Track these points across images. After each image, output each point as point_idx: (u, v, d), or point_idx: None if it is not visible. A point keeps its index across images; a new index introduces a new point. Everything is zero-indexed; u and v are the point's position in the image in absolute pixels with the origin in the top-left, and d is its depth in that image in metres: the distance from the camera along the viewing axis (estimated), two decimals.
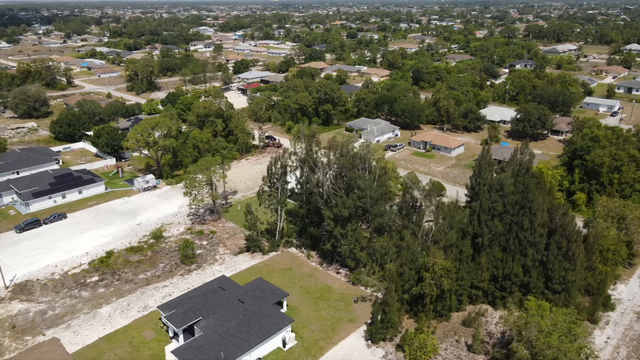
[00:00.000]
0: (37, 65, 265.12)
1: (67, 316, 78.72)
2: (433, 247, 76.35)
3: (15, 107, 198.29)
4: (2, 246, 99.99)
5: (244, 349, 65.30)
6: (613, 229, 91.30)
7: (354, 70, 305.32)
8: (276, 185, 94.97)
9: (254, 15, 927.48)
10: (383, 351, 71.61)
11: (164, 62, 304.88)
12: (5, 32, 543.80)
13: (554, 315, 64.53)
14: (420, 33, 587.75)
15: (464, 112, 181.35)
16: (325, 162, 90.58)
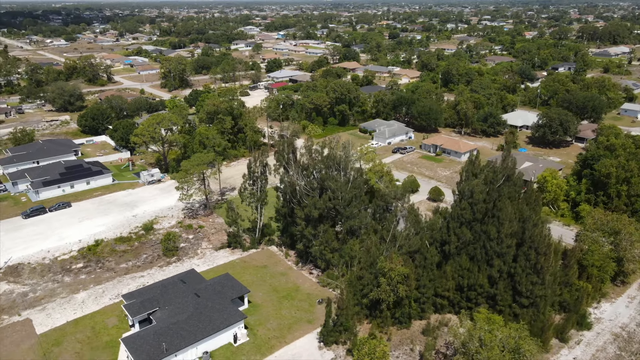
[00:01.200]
0: (82, 62, 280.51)
1: (45, 299, 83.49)
2: (392, 252, 74.98)
3: (52, 100, 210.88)
4: (7, 230, 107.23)
5: (190, 342, 66.93)
6: (601, 243, 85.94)
7: (385, 71, 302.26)
8: (256, 183, 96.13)
9: (301, 15, 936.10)
10: (333, 354, 71.23)
11: (200, 61, 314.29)
12: (65, 31, 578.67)
13: (502, 330, 61.93)
14: (466, 34, 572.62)
15: (484, 116, 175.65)
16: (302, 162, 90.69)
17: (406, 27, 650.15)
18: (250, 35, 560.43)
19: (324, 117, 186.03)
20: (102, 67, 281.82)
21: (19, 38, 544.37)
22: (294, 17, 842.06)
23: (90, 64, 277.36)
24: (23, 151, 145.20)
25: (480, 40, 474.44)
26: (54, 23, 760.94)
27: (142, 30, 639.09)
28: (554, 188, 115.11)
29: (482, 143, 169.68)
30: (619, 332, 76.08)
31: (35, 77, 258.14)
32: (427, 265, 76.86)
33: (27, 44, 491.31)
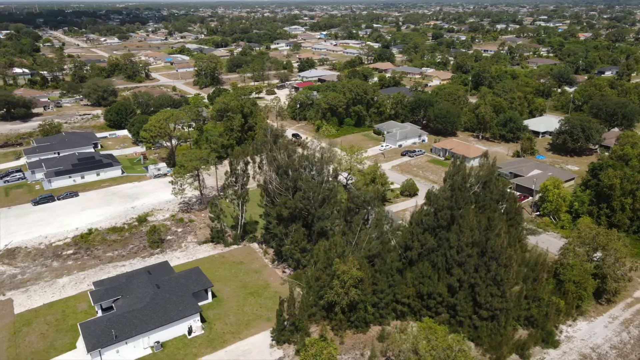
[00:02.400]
0: (122, 60, 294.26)
1: (31, 281, 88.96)
2: (350, 255, 74.36)
3: (88, 96, 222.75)
4: (15, 215, 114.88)
5: (141, 331, 69.43)
6: (584, 258, 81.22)
7: (417, 72, 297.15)
8: (238, 181, 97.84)
9: (349, 15, 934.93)
10: (282, 353, 71.69)
11: (235, 59, 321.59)
12: (120, 30, 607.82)
13: (440, 341, 60.19)
14: (514, 35, 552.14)
15: (504, 120, 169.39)
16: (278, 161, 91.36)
17: (452, 28, 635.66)
18: (294, 35, 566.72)
19: (339, 117, 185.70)
20: (140, 65, 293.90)
21: (77, 36, 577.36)
22: (341, 17, 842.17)
23: (130, 61, 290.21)
24: (46, 142, 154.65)
25: (528, 42, 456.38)
26: (112, 22, 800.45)
27: (190, 29, 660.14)
28: (555, 198, 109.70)
29: (498, 148, 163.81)
30: (588, 353, 71.82)
31: (79, 74, 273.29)
32: (387, 270, 75.66)
33: (83, 42, 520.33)
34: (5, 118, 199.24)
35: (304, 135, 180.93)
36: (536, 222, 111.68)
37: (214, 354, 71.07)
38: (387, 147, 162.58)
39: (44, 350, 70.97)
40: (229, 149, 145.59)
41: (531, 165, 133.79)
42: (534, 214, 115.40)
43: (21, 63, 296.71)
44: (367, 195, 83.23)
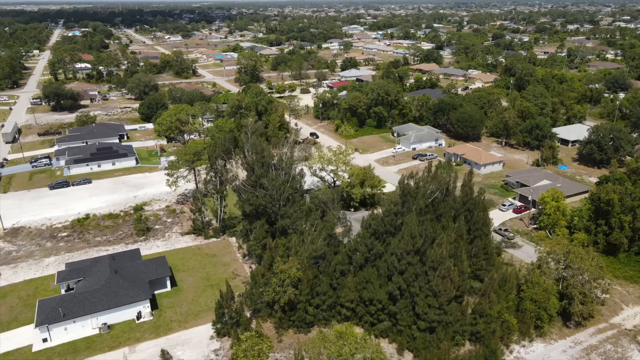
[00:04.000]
0: (172, 57, 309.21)
1: (22, 259, 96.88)
2: (293, 254, 74.50)
3: (131, 90, 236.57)
4: (31, 198, 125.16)
5: (89, 312, 73.78)
6: (550, 276, 75.89)
7: (461, 74, 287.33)
8: (217, 176, 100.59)
9: (413, 15, 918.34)
10: (219, 345, 73.33)
11: (279, 58, 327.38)
12: (185, 28, 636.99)
13: (351, 347, 59.13)
14: (584, 36, 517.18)
15: (529, 127, 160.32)
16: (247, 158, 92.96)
17: (518, 28, 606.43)
18: (349, 35, 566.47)
19: (360, 118, 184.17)
20: (188, 62, 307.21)
21: (146, 34, 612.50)
22: (402, 17, 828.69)
23: (179, 58, 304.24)
24: (77, 132, 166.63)
25: (597, 44, 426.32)
26: (182, 21, 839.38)
27: (251, 28, 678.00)
28: (553, 211, 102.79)
29: (519, 156, 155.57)
30: None
31: (132, 69, 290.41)
32: (331, 272, 75.02)
33: (150, 40, 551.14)
34: (55, 109, 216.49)
35: (323, 134, 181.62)
36: (530, 236, 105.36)
37: (155, 340, 74.04)
38: (400, 150, 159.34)
39: (7, 322, 77.29)
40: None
41: (541, 175, 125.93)
42: (531, 227, 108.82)
43: (80, 58, 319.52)
44: (327, 196, 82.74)
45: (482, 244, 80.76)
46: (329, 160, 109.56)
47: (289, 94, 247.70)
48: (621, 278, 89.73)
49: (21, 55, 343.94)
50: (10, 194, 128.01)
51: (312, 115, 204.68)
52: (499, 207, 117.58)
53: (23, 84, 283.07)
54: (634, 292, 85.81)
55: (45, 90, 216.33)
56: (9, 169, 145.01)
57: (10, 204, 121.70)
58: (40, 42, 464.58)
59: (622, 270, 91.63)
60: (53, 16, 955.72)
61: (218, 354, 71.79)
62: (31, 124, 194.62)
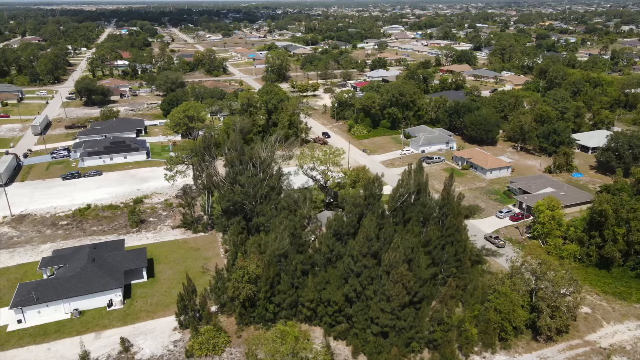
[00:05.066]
0: (204, 56, 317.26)
1: (21, 244, 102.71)
2: (254, 252, 75.21)
3: (159, 87, 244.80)
4: (44, 187, 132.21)
5: (61, 297, 77.42)
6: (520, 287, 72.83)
7: (492, 76, 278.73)
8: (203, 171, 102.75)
9: (458, 14, 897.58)
10: (180, 337, 75.11)
11: (309, 57, 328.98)
12: (227, 27, 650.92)
13: (287, 347, 59.24)
14: (638, 38, 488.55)
15: (546, 132, 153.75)
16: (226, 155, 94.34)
17: (567, 29, 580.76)
18: (388, 34, 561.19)
19: (375, 119, 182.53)
20: (218, 60, 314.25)
21: (189, 33, 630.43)
22: (447, 17, 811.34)
23: (210, 57, 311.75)
24: (98, 126, 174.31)
25: None
26: (227, 20, 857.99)
27: (291, 27, 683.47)
28: (548, 220, 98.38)
29: (532, 162, 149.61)
30: None
31: (165, 67, 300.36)
32: (292, 271, 75.18)
33: (192, 38, 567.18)
34: (86, 103, 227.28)
35: (336, 135, 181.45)
36: (523, 245, 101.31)
37: (121, 328, 76.74)
38: (408, 152, 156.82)
39: None
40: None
41: (545, 183, 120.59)
42: (526, 235, 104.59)
43: (120, 55, 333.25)
44: (298, 195, 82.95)
45: (454, 250, 78.46)
46: (319, 159, 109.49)
47: (312, 93, 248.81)
48: (610, 294, 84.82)
49: (67, 53, 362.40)
50: (27, 183, 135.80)
51: (329, 115, 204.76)
52: (496, 214, 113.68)
53: (65, 79, 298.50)
54: (620, 309, 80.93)
55: (77, 86, 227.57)
56: (30, 159, 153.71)
57: (24, 192, 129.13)
58: (89, 40, 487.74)
59: (613, 285, 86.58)
60: (108, 15, 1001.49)
61: (177, 345, 73.58)
62: (62, 118, 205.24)
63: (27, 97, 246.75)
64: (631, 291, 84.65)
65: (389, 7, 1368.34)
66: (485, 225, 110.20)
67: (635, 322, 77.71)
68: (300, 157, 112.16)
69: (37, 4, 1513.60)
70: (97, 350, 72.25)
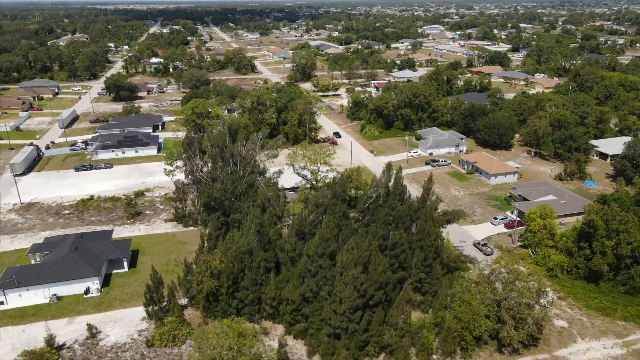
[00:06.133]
0: (234, 54, 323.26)
1: (23, 230, 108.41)
2: (220, 247, 76.32)
3: (184, 84, 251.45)
4: (57, 177, 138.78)
5: (41, 282, 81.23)
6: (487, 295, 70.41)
7: (522, 78, 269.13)
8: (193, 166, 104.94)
9: (504, 14, 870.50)
10: (146, 326, 77.30)
11: (337, 57, 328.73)
12: (266, 26, 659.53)
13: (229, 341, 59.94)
14: None
15: (562, 137, 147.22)
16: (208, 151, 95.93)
17: (617, 30, 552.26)
18: (426, 34, 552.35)
19: (388, 120, 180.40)
20: (246, 59, 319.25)
21: (228, 32, 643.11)
22: (492, 16, 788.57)
23: (239, 55, 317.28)
24: (118, 121, 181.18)
25: None
26: (268, 19, 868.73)
27: (328, 27, 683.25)
28: (539, 229, 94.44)
29: (544, 168, 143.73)
30: None
31: (195, 64, 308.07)
32: (255, 268, 75.77)
33: (230, 37, 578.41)
34: (115, 99, 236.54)
35: (347, 135, 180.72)
36: (513, 253, 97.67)
37: (93, 315, 79.76)
38: (416, 154, 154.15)
39: None
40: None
41: (547, 190, 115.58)
42: (517, 244, 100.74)
43: (156, 53, 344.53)
44: (272, 194, 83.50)
45: (423, 255, 76.75)
46: (309, 158, 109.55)
47: (333, 93, 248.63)
48: (593, 309, 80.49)
49: (106, 50, 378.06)
50: (42, 173, 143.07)
51: (345, 114, 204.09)
52: (491, 221, 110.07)
53: (102, 75, 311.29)
54: (600, 325, 76.66)
55: (106, 82, 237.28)
56: (51, 151, 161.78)
57: (38, 181, 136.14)
58: (132, 39, 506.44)
59: (599, 300, 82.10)
60: (155, 15, 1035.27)
61: (141, 334, 75.77)
62: (89, 112, 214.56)
63: (63, 92, 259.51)
64: (617, 307, 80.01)
65: (435, 6, 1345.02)
66: (478, 232, 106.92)
67: (613, 340, 73.45)
68: (291, 155, 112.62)
69: (93, 4, 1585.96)
70: (67, 334, 75.47)
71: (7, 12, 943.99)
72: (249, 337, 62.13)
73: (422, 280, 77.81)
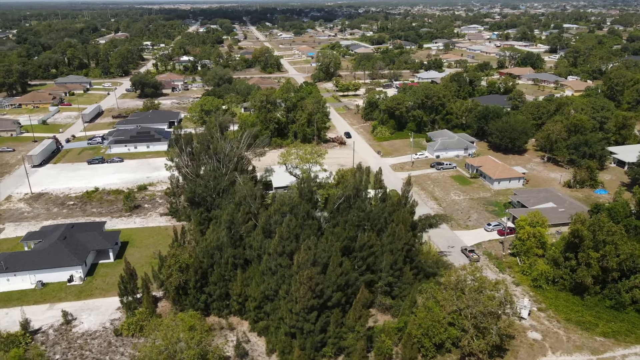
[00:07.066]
0: (261, 53, 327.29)
1: (27, 219, 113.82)
2: (189, 243, 77.69)
3: (207, 82, 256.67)
4: (69, 169, 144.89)
5: (27, 269, 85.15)
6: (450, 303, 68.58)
7: (552, 80, 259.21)
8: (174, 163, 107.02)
9: (550, 13, 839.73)
10: (119, 316, 79.68)
11: (363, 56, 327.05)
12: (301, 25, 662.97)
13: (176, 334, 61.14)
14: None
15: (577, 143, 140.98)
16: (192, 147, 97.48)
17: None
18: (462, 34, 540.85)
19: (400, 121, 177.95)
20: (272, 58, 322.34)
21: (264, 31, 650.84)
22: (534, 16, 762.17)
23: (265, 54, 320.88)
24: (135, 117, 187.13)
25: None
26: (306, 19, 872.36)
27: (363, 26, 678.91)
28: (528, 237, 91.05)
29: (555, 174, 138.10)
30: None
31: (222, 63, 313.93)
32: (223, 263, 76.69)
33: (264, 36, 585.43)
34: (140, 96, 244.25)
35: (359, 135, 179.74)
36: (500, 261, 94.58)
37: (73, 302, 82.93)
38: (422, 156, 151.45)
39: None
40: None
41: (547, 197, 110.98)
42: (507, 252, 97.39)
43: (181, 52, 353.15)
44: (251, 191, 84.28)
45: (393, 259, 75.50)
46: (302, 158, 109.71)
47: (353, 93, 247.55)
48: (573, 322, 76.84)
49: (141, 48, 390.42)
50: (58, 165, 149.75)
51: (360, 115, 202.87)
52: (484, 227, 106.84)
53: (134, 73, 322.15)
54: (576, 340, 73.10)
55: (133, 80, 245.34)
56: (70, 144, 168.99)
57: (52, 173, 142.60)
58: (169, 37, 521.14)
59: (581, 313, 78.31)
60: (197, 14, 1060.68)
61: (113, 323, 78.14)
62: (114, 108, 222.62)
63: (94, 88, 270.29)
64: (598, 322, 76.05)
65: (479, 5, 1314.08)
66: (470, 237, 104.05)
67: (587, 356, 69.93)
68: (284, 154, 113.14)
69: (141, 3, 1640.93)
70: (45, 319, 78.82)
71: (58, 11, 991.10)
72: (199, 332, 63.05)
73: (392, 284, 76.58)
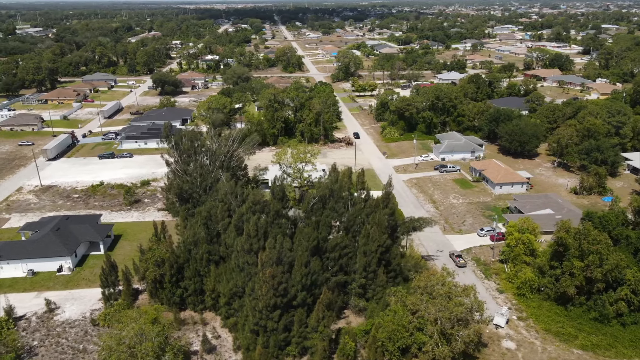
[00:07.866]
0: (282, 53, 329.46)
1: (33, 210, 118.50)
2: (168, 238, 79.20)
3: (226, 80, 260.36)
4: (80, 164, 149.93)
5: (19, 257, 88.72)
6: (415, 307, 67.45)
7: (578, 82, 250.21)
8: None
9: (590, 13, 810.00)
10: (100, 306, 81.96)
11: (385, 56, 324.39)
12: (330, 25, 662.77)
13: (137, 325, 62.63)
14: None
15: (589, 148, 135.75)
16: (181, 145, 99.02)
17: None
18: (493, 35, 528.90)
19: (410, 122, 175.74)
20: (294, 58, 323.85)
21: (293, 30, 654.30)
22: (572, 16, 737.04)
23: (286, 54, 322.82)
24: (150, 114, 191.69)
25: None
26: (337, 18, 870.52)
27: (392, 26, 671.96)
28: (515, 243, 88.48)
29: (563, 180, 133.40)
30: None
31: (244, 62, 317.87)
32: (198, 259, 77.82)
33: (293, 35, 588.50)
34: (161, 93, 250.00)
35: (368, 136, 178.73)
36: (488, 267, 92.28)
37: (59, 291, 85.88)
38: (427, 159, 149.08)
39: None
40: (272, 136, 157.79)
41: (545, 203, 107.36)
42: (496, 258, 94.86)
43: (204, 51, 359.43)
44: (234, 189, 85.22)
45: (366, 261, 74.79)
46: (295, 157, 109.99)
47: (369, 93, 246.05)
48: (552, 333, 74.21)
49: (168, 47, 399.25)
50: (71, 159, 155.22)
51: (372, 116, 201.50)
52: (477, 232, 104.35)
53: (159, 71, 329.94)
54: (552, 351, 70.53)
55: (153, 77, 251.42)
56: (86, 139, 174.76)
57: (64, 166, 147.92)
58: (199, 37, 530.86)
59: (562, 324, 75.54)
60: (231, 13, 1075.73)
61: (93, 313, 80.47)
62: (134, 104, 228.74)
63: (118, 85, 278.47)
64: (578, 334, 73.15)
65: (517, 5, 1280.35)
66: (462, 242, 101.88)
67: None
68: (278, 154, 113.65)
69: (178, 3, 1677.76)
70: (30, 307, 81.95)
71: (99, 10, 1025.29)
72: (160, 325, 64.23)
73: (365, 286, 75.89)
